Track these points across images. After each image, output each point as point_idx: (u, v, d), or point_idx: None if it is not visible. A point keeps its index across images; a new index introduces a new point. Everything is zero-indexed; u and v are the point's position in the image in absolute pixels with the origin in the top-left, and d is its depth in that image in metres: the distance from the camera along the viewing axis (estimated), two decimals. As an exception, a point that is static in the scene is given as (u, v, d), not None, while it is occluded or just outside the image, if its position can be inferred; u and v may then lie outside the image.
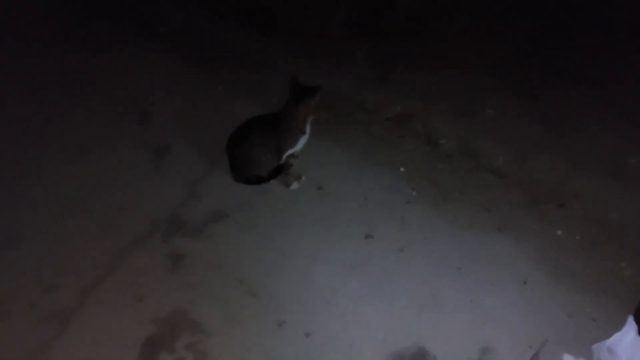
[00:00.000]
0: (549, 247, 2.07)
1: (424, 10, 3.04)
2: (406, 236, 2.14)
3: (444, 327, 1.85)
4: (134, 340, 1.80)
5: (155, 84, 2.84)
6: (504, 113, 2.54)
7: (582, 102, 2.55)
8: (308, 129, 2.21)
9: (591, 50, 2.77)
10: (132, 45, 3.08)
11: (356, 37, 3.00)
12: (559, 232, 2.12)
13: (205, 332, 1.83)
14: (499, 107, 2.56)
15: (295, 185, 2.32)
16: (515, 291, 1.95)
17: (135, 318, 1.87)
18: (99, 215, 2.20)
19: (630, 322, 1.61)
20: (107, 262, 2.03)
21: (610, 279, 1.95)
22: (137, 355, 1.76)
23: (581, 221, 2.15)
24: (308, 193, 2.32)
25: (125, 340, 1.80)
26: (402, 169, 2.42)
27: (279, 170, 2.31)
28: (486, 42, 2.84)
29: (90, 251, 2.07)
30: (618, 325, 1.64)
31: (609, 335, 1.69)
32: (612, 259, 2.02)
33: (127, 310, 1.89)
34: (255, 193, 2.30)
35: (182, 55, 3.02)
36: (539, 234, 2.12)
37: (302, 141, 2.24)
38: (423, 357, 1.78)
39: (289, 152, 2.24)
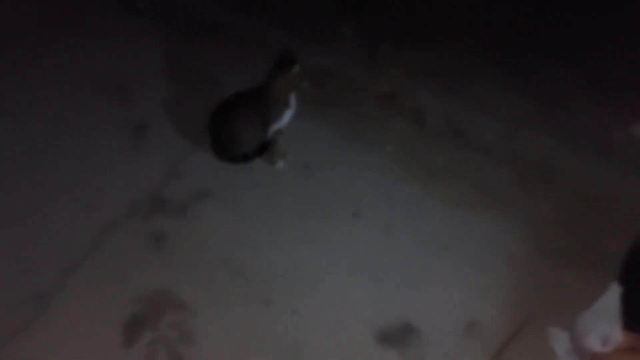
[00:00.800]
0: (536, 225, 2.07)
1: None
2: (393, 214, 2.12)
3: (430, 304, 1.85)
4: (117, 319, 1.77)
5: (135, 61, 2.77)
6: (492, 91, 2.52)
7: (570, 79, 2.54)
8: (293, 102, 2.18)
9: (578, 29, 2.76)
10: (109, 22, 3.00)
11: (344, 14, 2.96)
12: (545, 209, 2.12)
13: (190, 311, 1.80)
14: (488, 84, 2.54)
15: (280, 164, 2.28)
16: (502, 268, 1.94)
17: (117, 297, 1.83)
18: (78, 195, 2.15)
19: (613, 288, 1.61)
20: (88, 242, 1.98)
21: (596, 254, 1.95)
22: (120, 334, 1.74)
23: (568, 197, 2.14)
24: (294, 172, 2.28)
25: (108, 320, 1.77)
26: (389, 148, 2.39)
27: (265, 148, 2.27)
28: (475, 19, 2.82)
29: (71, 231, 2.02)
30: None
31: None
32: (598, 235, 2.02)
33: (109, 289, 1.86)
34: (239, 172, 2.26)
35: (162, 31, 2.94)
36: (527, 211, 2.11)
37: (288, 115, 2.20)
38: (409, 333, 1.77)
39: (276, 126, 2.20)
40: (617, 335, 1.55)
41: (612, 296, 1.63)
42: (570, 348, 1.67)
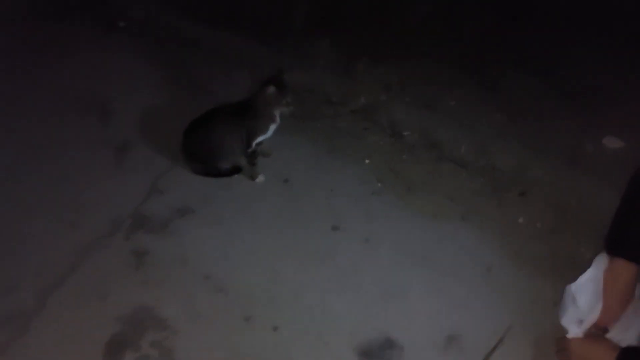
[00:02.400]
0: (511, 235, 2.11)
1: (386, 2, 3.06)
2: (372, 227, 2.15)
3: (410, 317, 1.87)
4: (98, 339, 1.76)
5: (116, 80, 2.78)
6: (465, 104, 2.58)
7: (541, 91, 2.61)
8: (278, 117, 2.22)
9: (548, 41, 2.83)
10: (91, 41, 3.01)
11: (319, 29, 3.00)
12: (520, 220, 2.16)
13: (171, 328, 1.81)
14: (461, 97, 2.60)
15: (260, 179, 2.31)
16: (480, 279, 1.98)
17: (98, 317, 1.83)
18: (59, 214, 2.14)
19: (597, 263, 1.58)
20: (69, 261, 1.98)
21: (571, 263, 1.98)
22: (102, 355, 1.73)
23: (541, 208, 2.19)
24: (274, 186, 2.31)
25: (89, 340, 1.76)
26: (367, 161, 2.43)
27: (239, 169, 2.32)
28: (447, 33, 2.88)
29: (51, 251, 2.01)
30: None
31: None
32: (571, 244, 2.07)
33: (90, 309, 1.85)
34: (220, 188, 2.28)
35: (143, 49, 2.97)
36: (502, 222, 2.15)
37: (272, 128, 2.24)
38: (390, 348, 1.79)
39: (259, 139, 2.24)
40: (590, 319, 1.55)
41: (596, 273, 1.58)
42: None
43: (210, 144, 2.25)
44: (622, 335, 1.54)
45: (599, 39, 2.83)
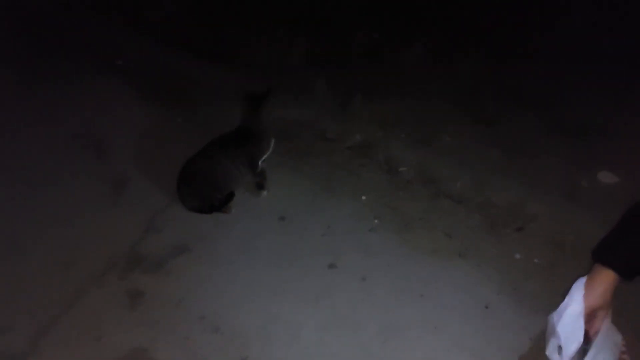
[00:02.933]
0: (509, 271, 2.10)
1: (382, 41, 3.12)
2: (369, 264, 2.14)
3: (408, 355, 1.84)
4: (92, 382, 1.74)
5: (113, 117, 2.81)
6: (461, 139, 2.60)
7: (536, 127, 2.64)
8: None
9: (543, 78, 2.88)
10: (89, 79, 3.05)
11: (316, 67, 3.05)
12: (517, 256, 2.16)
13: (166, 371, 1.78)
14: (457, 133, 2.62)
15: (264, 194, 2.38)
16: (478, 316, 1.96)
17: (93, 359, 1.80)
18: (54, 253, 2.13)
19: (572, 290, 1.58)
20: (63, 301, 1.96)
21: (569, 299, 1.98)
22: (96, 399, 1.70)
23: (539, 244, 2.19)
24: (271, 224, 2.31)
25: (83, 383, 1.74)
26: (363, 197, 2.44)
27: (230, 197, 2.34)
28: (442, 70, 2.93)
29: (45, 290, 1.99)
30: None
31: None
32: (570, 279, 2.04)
33: (84, 351, 1.82)
34: (216, 225, 2.28)
35: (140, 87, 3.01)
36: (499, 258, 2.15)
37: (272, 143, 2.33)
38: (388, 387, 1.76)
39: (264, 157, 2.32)
40: (570, 349, 1.53)
41: (573, 299, 1.56)
42: None
43: (213, 177, 2.27)
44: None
45: (594, 77, 2.89)
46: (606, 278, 1.49)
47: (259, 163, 2.33)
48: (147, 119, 2.82)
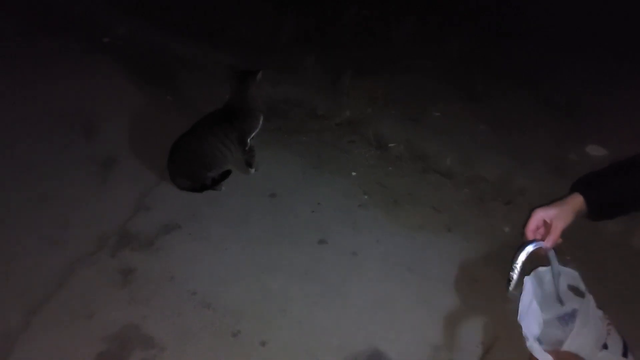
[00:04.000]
0: (497, 245, 2.12)
1: (371, 17, 3.09)
2: (359, 240, 2.15)
3: (397, 328, 1.86)
4: (84, 358, 1.74)
5: (100, 96, 2.79)
6: (450, 115, 2.61)
7: (524, 102, 2.65)
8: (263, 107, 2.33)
9: (532, 55, 2.88)
10: (75, 57, 3.02)
11: (305, 45, 3.03)
12: (506, 229, 2.18)
13: (158, 346, 1.79)
14: (446, 109, 2.63)
15: (252, 171, 2.40)
16: (467, 290, 1.98)
17: (85, 336, 1.81)
18: (44, 232, 2.13)
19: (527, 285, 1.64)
20: (54, 280, 1.96)
21: (556, 272, 2.00)
22: (88, 375, 1.71)
23: (527, 217, 2.20)
24: (261, 201, 2.31)
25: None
26: (353, 174, 2.44)
27: (225, 175, 2.34)
28: (431, 47, 2.92)
29: (36, 269, 2.00)
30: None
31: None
32: (557, 254, 2.08)
33: (76, 328, 1.83)
34: (206, 203, 2.28)
35: (128, 65, 2.98)
36: (487, 232, 2.17)
37: (261, 120, 2.33)
38: (378, 359, 1.79)
39: (253, 134, 2.32)
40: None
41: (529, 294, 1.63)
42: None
43: (202, 155, 2.26)
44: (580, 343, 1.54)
45: (582, 52, 2.89)
46: (573, 199, 1.54)
47: (248, 141, 2.33)
48: (136, 97, 2.80)
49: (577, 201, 1.54)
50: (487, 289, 1.98)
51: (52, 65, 2.97)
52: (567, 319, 1.66)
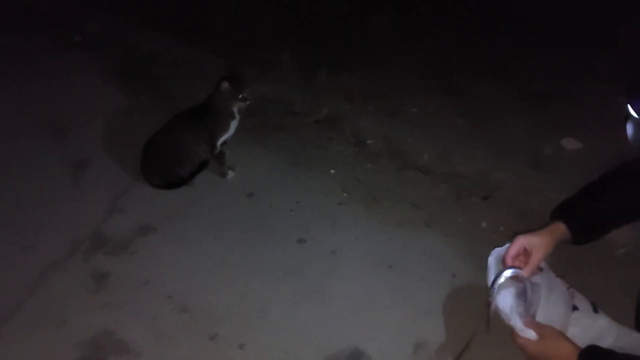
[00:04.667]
0: (475, 240, 2.12)
1: (348, 12, 3.07)
2: (338, 238, 2.14)
3: (378, 326, 1.85)
4: (58, 367, 1.71)
5: (72, 95, 2.73)
6: (428, 110, 2.60)
7: (501, 96, 2.65)
8: (237, 114, 2.23)
9: (508, 48, 2.88)
10: (45, 56, 2.95)
11: (282, 41, 3.00)
12: (484, 224, 2.18)
13: (134, 351, 1.75)
14: (423, 104, 2.62)
15: (230, 174, 2.33)
16: (445, 285, 1.97)
17: (57, 343, 1.76)
18: (14, 237, 2.08)
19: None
20: (25, 287, 1.91)
21: (534, 266, 2.00)
22: (62, 383, 1.67)
23: (504, 212, 2.21)
24: (238, 201, 2.28)
25: (48, 368, 1.70)
26: (332, 171, 2.42)
27: (203, 166, 2.30)
28: (408, 41, 2.91)
29: (6, 276, 1.95)
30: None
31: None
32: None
33: (48, 336, 1.78)
34: (183, 204, 2.24)
35: (100, 64, 2.92)
36: (466, 227, 2.16)
37: (234, 125, 2.25)
38: (358, 358, 1.77)
39: (223, 138, 2.24)
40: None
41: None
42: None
43: (174, 152, 2.23)
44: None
45: (558, 44, 2.90)
46: (555, 228, 1.50)
47: (217, 144, 2.26)
48: (109, 96, 2.75)
49: (559, 229, 1.50)
50: (465, 284, 1.98)
51: (21, 65, 2.90)
52: (523, 292, 1.64)
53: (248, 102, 2.23)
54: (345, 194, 2.32)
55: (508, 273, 1.51)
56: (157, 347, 1.77)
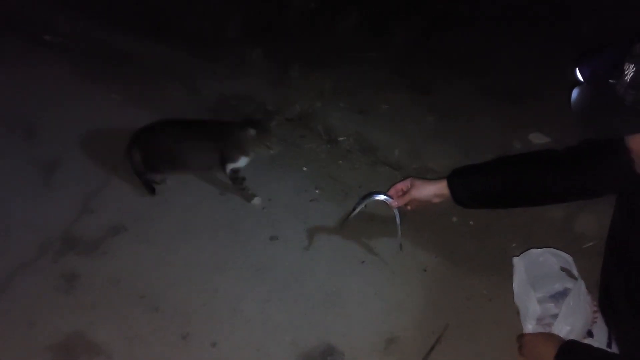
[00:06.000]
0: (446, 234, 2.15)
1: (318, 9, 3.08)
2: (310, 234, 2.14)
3: (350, 322, 1.87)
4: (27, 370, 1.69)
5: (42, 95, 2.69)
6: (398, 107, 2.62)
7: (469, 92, 2.69)
8: (252, 154, 2.17)
9: (475, 44, 2.92)
10: (14, 55, 2.90)
11: (252, 38, 2.99)
12: (454, 219, 2.21)
13: (105, 352, 1.75)
14: (393, 101, 2.64)
15: (256, 201, 2.26)
16: (417, 280, 2.00)
17: (27, 347, 1.75)
18: (-17, 239, 2.05)
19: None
20: (-6, 289, 1.89)
21: (503, 259, 2.01)
22: (32, 386, 1.66)
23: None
24: (210, 200, 2.27)
25: (17, 372, 1.69)
26: (304, 168, 2.43)
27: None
28: (378, 38, 2.92)
29: (-26, 279, 1.92)
30: (512, 304, 1.75)
31: (503, 315, 1.80)
32: (503, 241, 2.13)
33: (18, 338, 1.77)
34: (154, 204, 2.23)
35: (71, 64, 2.88)
36: (436, 222, 2.19)
37: (244, 160, 2.18)
38: (331, 355, 1.79)
39: (231, 166, 2.18)
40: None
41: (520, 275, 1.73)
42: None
43: (190, 149, 2.21)
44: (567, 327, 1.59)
45: (522, 41, 2.95)
46: (441, 183, 1.78)
47: (227, 170, 2.19)
48: (80, 96, 2.71)
49: (442, 185, 1.77)
50: (436, 278, 2.01)
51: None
52: (559, 296, 1.70)
53: (273, 152, 2.15)
54: (317, 191, 2.33)
55: (380, 197, 1.88)
56: (129, 347, 1.76)
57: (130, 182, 2.26)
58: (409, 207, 1.89)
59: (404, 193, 1.86)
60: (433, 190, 1.80)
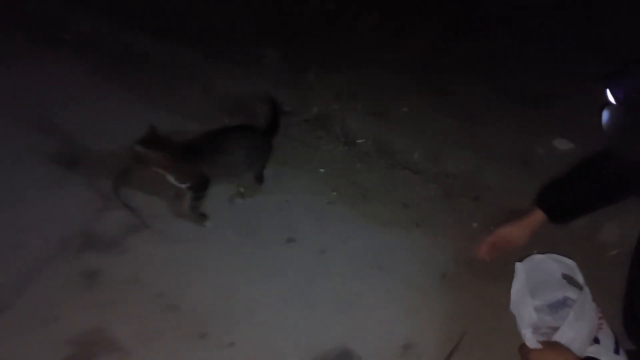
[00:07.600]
0: (465, 240, 2.12)
1: (336, 10, 3.07)
2: (327, 237, 2.14)
3: (367, 326, 1.86)
4: (48, 365, 1.71)
5: (62, 93, 2.72)
6: (417, 110, 2.61)
7: (491, 96, 2.66)
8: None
9: (497, 47, 2.89)
10: (35, 55, 2.93)
11: (269, 39, 3.00)
12: (474, 225, 2.19)
13: (124, 349, 1.75)
14: (413, 104, 2.63)
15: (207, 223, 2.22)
16: (435, 285, 1.99)
17: (47, 342, 1.76)
18: (3, 236, 2.06)
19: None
20: (14, 286, 1.90)
21: (521, 265, 2.02)
22: (52, 381, 1.67)
23: (495, 212, 2.22)
24: (227, 200, 2.28)
25: (38, 366, 1.70)
26: (321, 170, 2.43)
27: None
28: (398, 40, 2.91)
29: (-4, 275, 1.94)
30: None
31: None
32: (525, 248, 2.09)
33: (38, 334, 1.78)
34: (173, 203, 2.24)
35: (89, 63, 2.91)
36: (456, 228, 2.17)
37: (172, 179, 2.15)
38: (347, 358, 1.78)
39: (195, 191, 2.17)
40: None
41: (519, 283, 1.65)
42: None
43: (249, 155, 2.25)
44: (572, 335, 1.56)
45: (547, 43, 2.92)
46: (533, 215, 1.66)
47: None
48: (99, 95, 2.73)
49: (537, 216, 1.66)
50: (455, 284, 1.99)
51: (9, 62, 2.88)
52: (558, 306, 1.67)
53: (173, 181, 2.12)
54: (334, 193, 2.33)
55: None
56: (146, 345, 1.77)
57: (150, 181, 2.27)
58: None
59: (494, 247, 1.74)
60: (532, 229, 1.69)
